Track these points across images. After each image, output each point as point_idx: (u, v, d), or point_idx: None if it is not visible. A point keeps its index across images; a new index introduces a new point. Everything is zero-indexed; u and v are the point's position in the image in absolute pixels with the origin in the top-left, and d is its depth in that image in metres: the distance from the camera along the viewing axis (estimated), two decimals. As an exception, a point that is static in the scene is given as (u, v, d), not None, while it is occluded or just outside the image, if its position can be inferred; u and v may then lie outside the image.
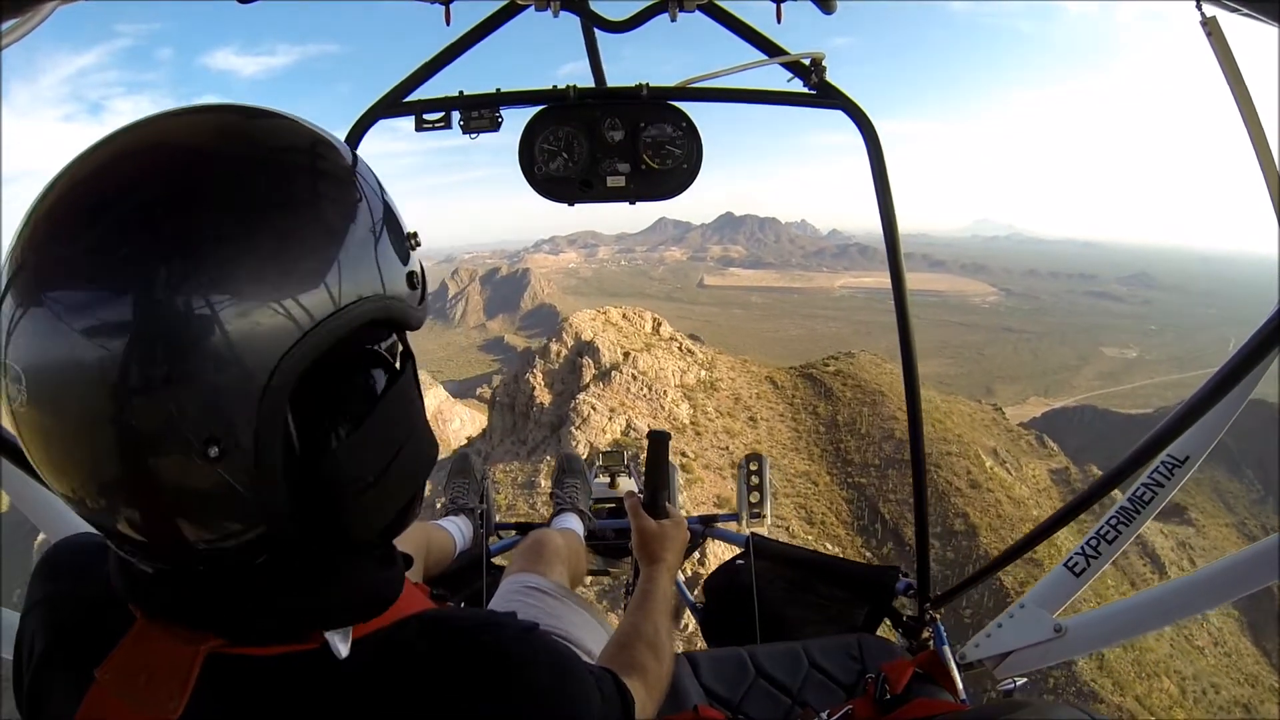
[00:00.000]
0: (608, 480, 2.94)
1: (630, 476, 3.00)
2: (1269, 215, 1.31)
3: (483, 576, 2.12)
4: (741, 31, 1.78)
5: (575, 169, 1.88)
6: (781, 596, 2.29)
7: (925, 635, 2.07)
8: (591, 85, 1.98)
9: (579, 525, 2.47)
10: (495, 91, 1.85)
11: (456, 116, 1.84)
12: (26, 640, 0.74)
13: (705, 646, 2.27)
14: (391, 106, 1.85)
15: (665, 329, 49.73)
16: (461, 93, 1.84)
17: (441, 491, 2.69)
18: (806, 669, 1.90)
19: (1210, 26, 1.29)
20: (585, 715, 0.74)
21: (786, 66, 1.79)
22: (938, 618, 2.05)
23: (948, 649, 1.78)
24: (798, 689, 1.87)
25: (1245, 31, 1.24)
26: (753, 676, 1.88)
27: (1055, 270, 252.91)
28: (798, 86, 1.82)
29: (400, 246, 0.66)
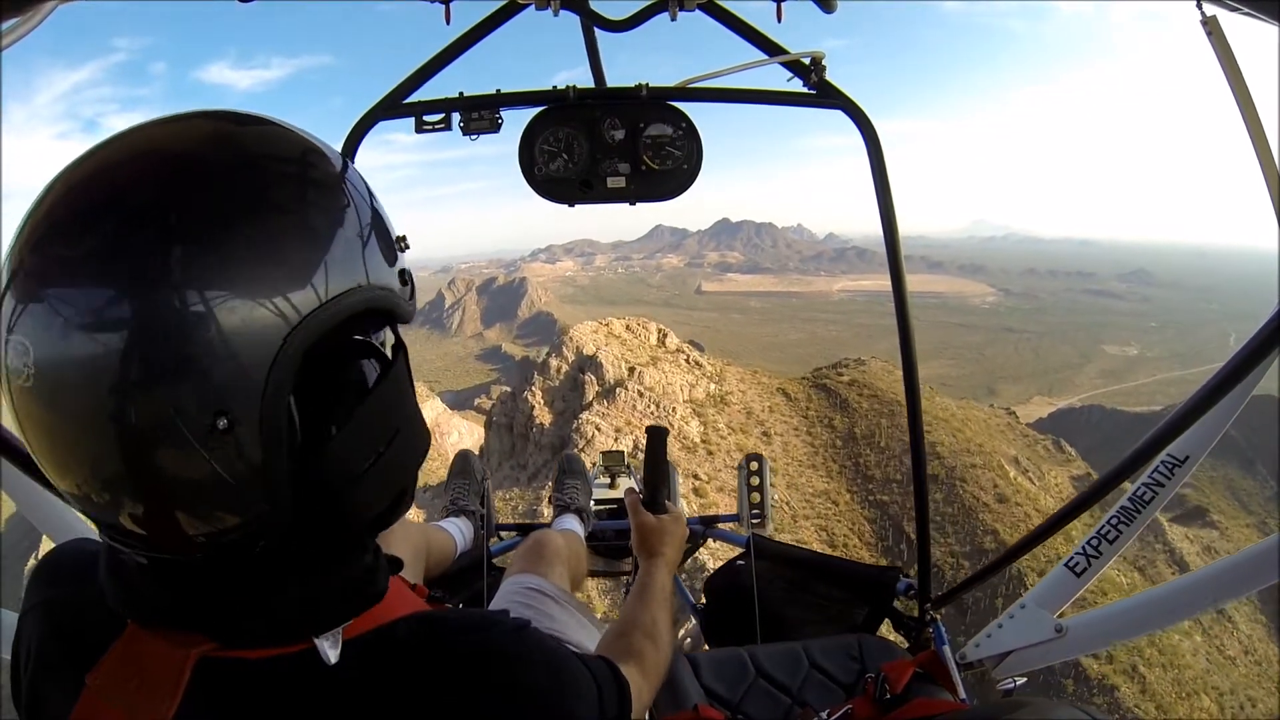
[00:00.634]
0: (608, 481, 2.95)
1: (630, 477, 3.01)
2: (1269, 215, 1.31)
3: (483, 578, 2.12)
4: (741, 30, 1.78)
5: (575, 169, 1.88)
6: (782, 597, 2.29)
7: (925, 635, 2.07)
8: (591, 86, 1.98)
9: (580, 526, 2.47)
10: (495, 92, 1.85)
11: (456, 118, 1.84)
12: (24, 642, 0.74)
13: (706, 647, 2.27)
14: (392, 108, 1.85)
15: (671, 340, 46.51)
16: (461, 94, 1.84)
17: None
18: (806, 669, 1.90)
19: (1211, 26, 1.29)
20: (581, 711, 0.74)
21: (786, 66, 1.79)
22: (938, 618, 2.05)
23: (948, 649, 1.79)
24: (798, 689, 1.86)
25: (1245, 31, 1.24)
26: (753, 676, 1.88)
27: (1053, 269, 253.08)
28: (797, 86, 1.82)
29: (389, 247, 0.68)
